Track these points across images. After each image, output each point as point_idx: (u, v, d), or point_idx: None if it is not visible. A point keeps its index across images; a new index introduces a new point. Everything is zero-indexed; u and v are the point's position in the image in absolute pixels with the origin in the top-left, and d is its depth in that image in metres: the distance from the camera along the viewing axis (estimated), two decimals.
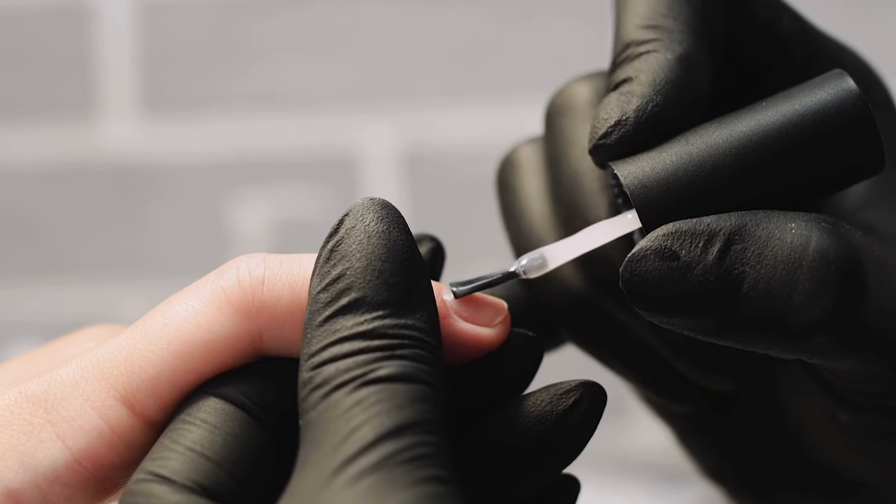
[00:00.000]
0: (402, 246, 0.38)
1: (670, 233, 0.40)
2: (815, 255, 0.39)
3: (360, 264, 0.37)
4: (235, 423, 0.38)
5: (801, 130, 0.40)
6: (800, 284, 0.39)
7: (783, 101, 0.41)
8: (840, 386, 0.44)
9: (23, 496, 0.38)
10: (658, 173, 0.41)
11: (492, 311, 0.41)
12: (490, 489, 0.41)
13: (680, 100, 0.42)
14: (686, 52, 0.43)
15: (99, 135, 1.15)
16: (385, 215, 0.38)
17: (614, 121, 0.42)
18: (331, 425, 0.35)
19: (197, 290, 0.40)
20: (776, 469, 0.51)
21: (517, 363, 0.41)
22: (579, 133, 0.47)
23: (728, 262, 0.39)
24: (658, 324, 0.40)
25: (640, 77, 0.42)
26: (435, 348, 0.37)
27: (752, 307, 0.39)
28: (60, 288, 1.17)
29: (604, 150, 0.42)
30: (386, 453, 0.34)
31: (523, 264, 0.43)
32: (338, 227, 0.38)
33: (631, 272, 0.40)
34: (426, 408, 0.35)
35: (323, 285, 0.37)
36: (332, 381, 0.36)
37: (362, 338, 0.36)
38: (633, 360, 0.48)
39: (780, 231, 0.39)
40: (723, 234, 0.39)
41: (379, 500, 0.33)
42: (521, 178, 0.50)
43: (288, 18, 1.12)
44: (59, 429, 0.39)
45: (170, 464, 0.37)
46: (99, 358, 0.39)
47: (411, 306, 0.37)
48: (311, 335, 0.37)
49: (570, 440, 0.40)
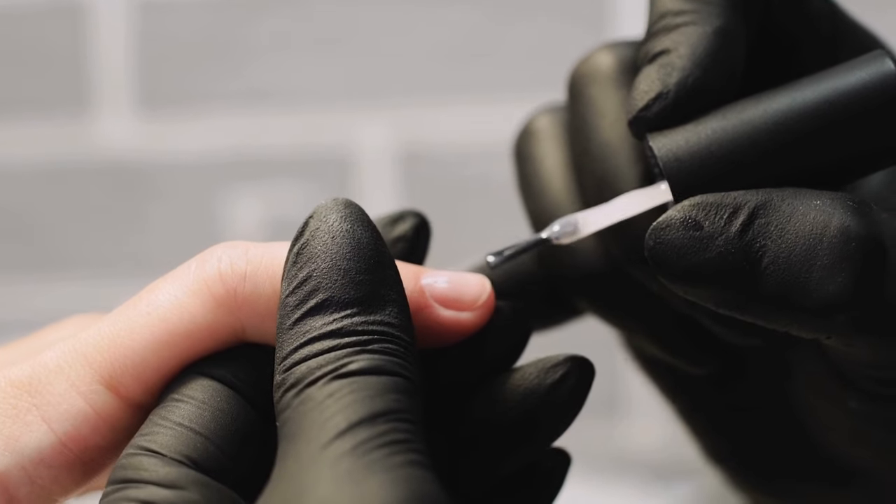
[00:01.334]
0: (367, 244, 0.38)
1: (696, 204, 0.40)
2: (836, 232, 0.39)
3: (326, 265, 0.37)
4: (223, 400, 0.38)
5: (838, 109, 0.40)
6: (819, 260, 0.39)
7: (822, 80, 0.41)
8: (853, 371, 0.44)
9: (9, 478, 0.39)
10: (692, 147, 0.41)
11: (474, 292, 0.41)
12: (479, 463, 0.41)
13: (718, 73, 0.42)
14: (724, 25, 0.42)
15: (95, 132, 1.15)
16: (348, 214, 0.38)
17: (655, 93, 0.42)
18: (305, 418, 0.35)
19: (179, 278, 0.40)
20: (776, 452, 0.51)
21: (505, 337, 0.42)
22: (608, 102, 0.46)
23: (750, 235, 0.39)
24: (682, 295, 0.41)
25: (678, 49, 0.42)
26: (406, 342, 0.37)
27: (771, 281, 0.39)
28: (57, 285, 1.17)
29: (644, 122, 0.42)
30: (361, 439, 0.34)
31: (556, 230, 0.43)
32: (303, 229, 0.38)
33: (655, 240, 0.40)
34: (399, 398, 0.35)
35: (291, 289, 0.38)
36: (305, 380, 0.36)
37: (332, 336, 0.36)
38: (654, 323, 0.48)
39: (805, 207, 0.39)
40: (748, 207, 0.40)
41: (358, 482, 0.33)
42: (541, 149, 0.49)
43: (284, 16, 1.13)
44: (44, 412, 0.39)
45: (159, 438, 0.37)
46: (82, 343, 0.40)
47: (380, 303, 0.37)
48: (283, 338, 0.37)
49: (558, 414, 0.41)
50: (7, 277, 1.18)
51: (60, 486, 0.39)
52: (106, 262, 1.17)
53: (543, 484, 0.42)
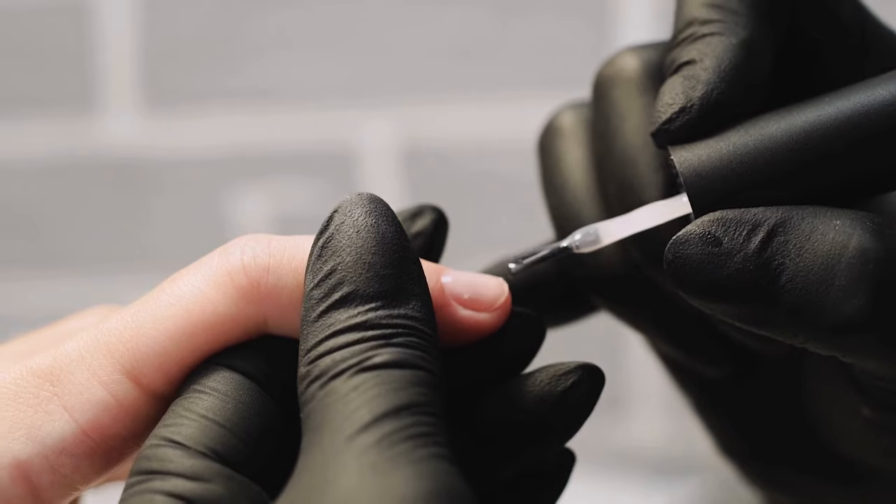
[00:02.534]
0: (392, 238, 0.38)
1: (716, 219, 0.40)
2: (855, 253, 0.39)
3: (351, 259, 0.38)
4: (245, 392, 0.38)
5: (862, 128, 0.40)
6: (836, 281, 0.39)
7: (846, 96, 0.41)
8: (868, 383, 0.44)
9: (31, 467, 0.39)
10: (713, 162, 0.41)
11: (491, 294, 0.41)
12: (487, 463, 0.41)
13: (743, 86, 0.42)
14: (750, 36, 0.42)
15: (99, 129, 1.16)
16: (373, 209, 0.39)
17: (679, 107, 0.42)
18: (330, 410, 0.35)
19: (202, 270, 0.40)
20: (789, 449, 0.51)
21: (519, 341, 0.42)
22: (633, 107, 0.46)
23: (769, 253, 0.39)
24: (700, 308, 0.41)
25: (704, 62, 0.42)
26: (430, 336, 0.37)
27: (788, 299, 0.39)
28: (61, 281, 1.17)
29: (667, 134, 0.42)
30: (386, 431, 0.34)
31: (577, 239, 0.43)
32: (327, 223, 0.39)
33: (674, 254, 0.40)
34: (423, 391, 0.36)
35: (315, 282, 0.38)
36: (330, 372, 0.36)
37: (357, 329, 0.37)
38: (669, 325, 0.49)
39: (824, 226, 0.39)
40: (767, 224, 0.40)
41: (383, 475, 0.33)
42: (564, 146, 0.50)
43: (287, 14, 1.13)
44: (65, 401, 0.39)
45: (183, 430, 0.37)
46: (104, 333, 0.40)
47: (404, 297, 0.38)
48: (307, 331, 0.37)
49: (568, 420, 0.41)
50: (12, 273, 1.18)
51: (81, 474, 0.40)
52: (110, 259, 1.17)
53: (548, 482, 0.43)
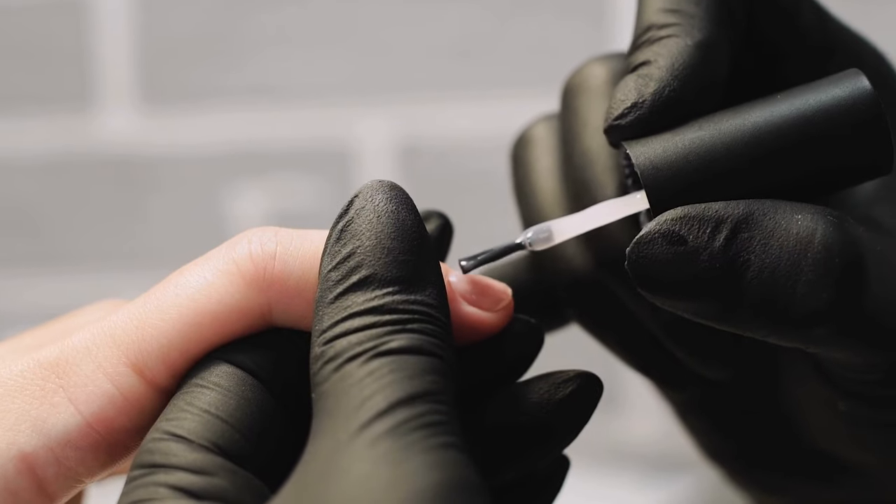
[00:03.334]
0: (411, 225, 0.38)
1: (679, 217, 0.40)
2: (820, 248, 0.39)
3: (370, 243, 0.38)
4: (247, 388, 0.38)
5: (813, 125, 0.41)
6: (804, 275, 0.39)
7: (798, 95, 0.41)
8: (838, 375, 0.44)
9: (36, 459, 0.39)
10: (669, 156, 0.41)
11: (496, 296, 0.41)
12: (484, 467, 0.41)
13: (697, 85, 0.42)
14: (706, 38, 0.43)
15: (97, 127, 1.16)
16: (394, 196, 0.39)
17: (631, 102, 0.42)
18: (344, 395, 0.35)
19: (209, 261, 0.40)
20: (773, 450, 0.51)
21: (518, 347, 0.42)
22: (593, 113, 0.47)
23: (734, 250, 0.40)
24: (662, 306, 0.41)
25: (658, 61, 0.43)
26: (444, 323, 0.37)
27: (755, 294, 0.39)
28: (59, 279, 1.18)
29: (618, 130, 0.42)
30: (400, 420, 0.34)
31: (529, 236, 0.43)
32: (347, 207, 0.39)
33: (637, 254, 0.40)
34: (437, 379, 0.36)
35: (333, 264, 0.38)
36: (345, 354, 0.36)
37: (373, 313, 0.37)
38: (633, 343, 0.49)
39: (787, 222, 0.40)
40: (730, 221, 0.40)
41: (396, 464, 0.33)
42: (534, 155, 0.50)
43: (285, 12, 1.13)
44: (71, 394, 0.39)
45: (185, 424, 0.37)
46: (110, 325, 0.40)
47: (421, 283, 0.38)
48: (323, 312, 0.37)
49: (565, 428, 0.41)
50: (10, 270, 1.19)
51: (86, 467, 0.40)
52: (108, 256, 1.17)
53: (542, 487, 0.43)
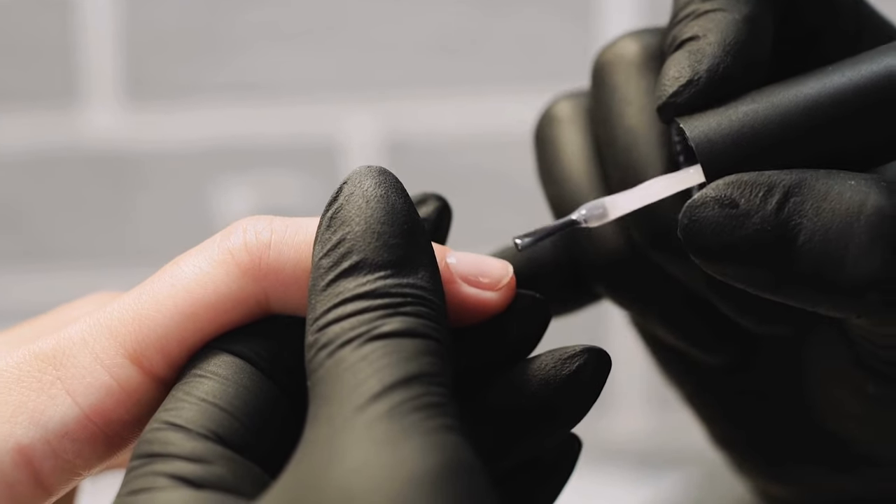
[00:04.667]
0: (401, 209, 0.38)
1: (731, 182, 0.40)
2: (873, 211, 0.39)
3: (360, 228, 0.38)
4: (246, 376, 0.38)
5: (868, 94, 0.41)
6: (856, 238, 0.39)
7: (851, 66, 0.41)
8: (874, 354, 0.44)
9: (33, 451, 0.39)
10: (723, 129, 0.41)
11: (497, 274, 0.41)
12: (491, 449, 0.41)
13: (747, 61, 0.42)
14: (752, 12, 0.43)
15: (83, 123, 1.15)
16: (382, 181, 0.39)
17: (686, 80, 0.42)
18: (338, 380, 0.35)
19: (204, 251, 0.40)
20: (784, 437, 0.51)
21: (523, 325, 0.42)
22: (634, 89, 0.47)
23: (786, 213, 0.40)
24: (713, 274, 0.41)
25: (708, 36, 0.42)
26: (438, 306, 0.37)
27: (807, 259, 0.39)
28: (45, 275, 1.17)
29: (674, 108, 0.42)
30: (396, 402, 0.34)
31: (583, 213, 0.43)
32: (337, 194, 0.39)
33: (689, 218, 0.40)
34: (432, 360, 0.35)
35: (325, 251, 0.38)
36: (338, 340, 0.36)
37: (365, 297, 0.37)
38: (670, 309, 0.49)
39: (840, 187, 0.40)
40: (783, 186, 0.40)
41: (395, 446, 0.33)
42: (564, 135, 0.49)
43: (272, 7, 1.13)
44: (68, 385, 0.39)
45: (184, 413, 0.37)
46: (107, 316, 0.40)
47: (412, 266, 0.37)
48: (315, 299, 0.37)
49: (573, 404, 0.41)
50: None
51: (84, 459, 0.39)
52: (94, 252, 1.17)
53: (554, 468, 0.43)
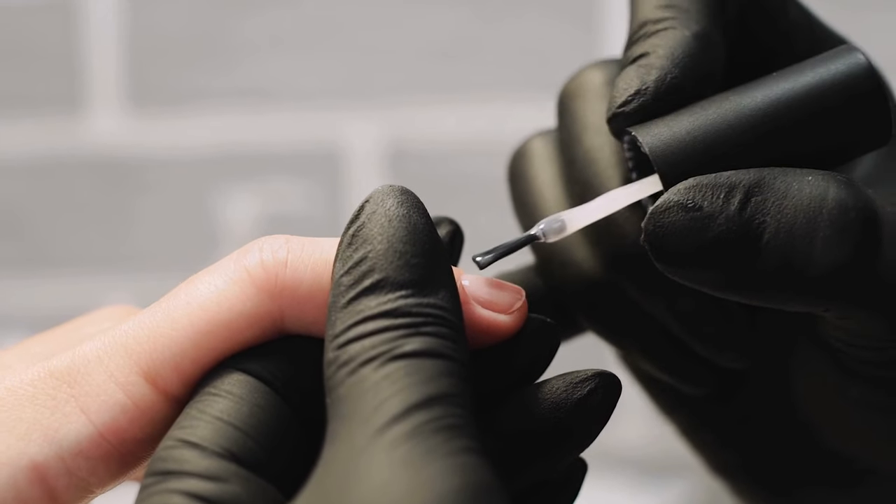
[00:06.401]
0: (423, 229, 0.38)
1: (692, 185, 0.40)
2: (834, 204, 0.40)
3: (382, 247, 0.38)
4: (260, 396, 0.38)
5: (813, 99, 0.41)
6: (821, 231, 0.40)
7: (796, 72, 0.42)
8: (851, 356, 0.45)
9: (47, 469, 0.39)
10: (676, 135, 0.42)
11: (510, 298, 0.41)
12: (502, 472, 0.41)
13: (696, 74, 0.43)
14: (702, 30, 0.44)
15: (85, 129, 1.16)
16: (404, 200, 0.39)
17: (634, 90, 0.43)
18: (359, 399, 0.35)
19: (220, 269, 0.40)
20: (783, 459, 0.51)
21: (533, 349, 0.42)
22: (593, 114, 0.47)
23: (749, 213, 0.40)
24: (681, 281, 0.41)
25: (657, 51, 0.43)
26: (458, 326, 0.37)
27: (773, 256, 0.40)
28: (47, 281, 1.17)
29: (623, 118, 0.43)
30: (418, 423, 0.34)
31: (542, 227, 0.43)
32: (359, 212, 0.39)
33: (654, 224, 0.40)
34: (453, 381, 0.35)
35: (346, 269, 0.38)
36: (359, 358, 0.36)
37: (386, 316, 0.37)
38: (647, 341, 0.49)
39: (799, 183, 0.40)
40: (743, 186, 0.40)
41: (417, 469, 0.33)
42: (534, 167, 0.50)
43: (274, 14, 1.13)
44: (82, 403, 0.39)
45: (198, 431, 0.37)
46: (122, 334, 0.40)
47: (433, 286, 0.37)
48: (336, 316, 0.37)
49: (583, 428, 0.41)
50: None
51: (98, 477, 0.39)
52: (97, 259, 1.17)
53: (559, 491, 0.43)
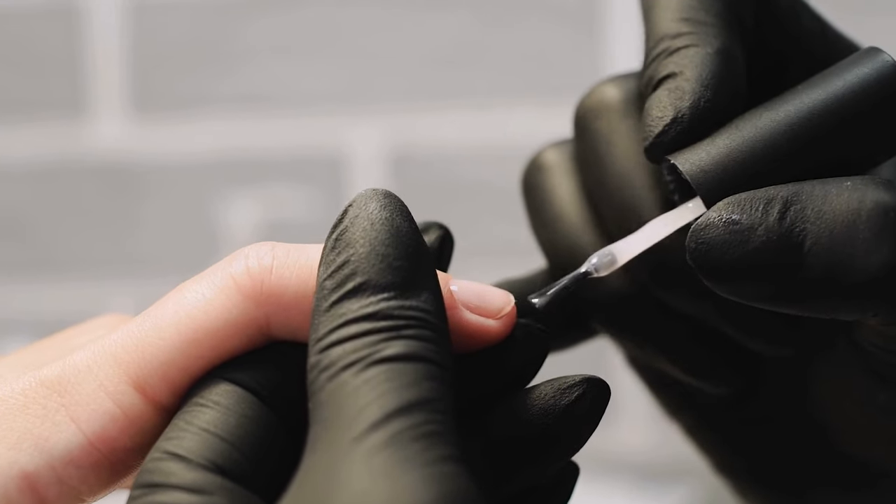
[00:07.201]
0: (406, 232, 0.38)
1: (730, 202, 0.41)
2: (873, 206, 0.40)
3: (364, 250, 0.38)
4: (247, 406, 0.38)
5: (846, 106, 0.42)
6: (861, 234, 0.40)
7: (824, 81, 0.43)
8: (885, 362, 0.45)
9: (38, 478, 0.39)
10: (714, 158, 0.42)
11: (498, 303, 0.41)
12: (491, 478, 0.41)
13: (726, 94, 0.43)
14: (723, 45, 0.44)
15: (89, 134, 1.16)
16: (387, 203, 0.39)
17: (670, 118, 0.43)
18: (340, 404, 0.35)
19: (207, 277, 0.40)
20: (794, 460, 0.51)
21: (523, 355, 0.42)
22: (618, 133, 0.47)
23: (789, 221, 0.40)
24: (726, 295, 0.41)
25: (685, 73, 0.43)
26: (441, 329, 0.37)
27: (816, 263, 0.40)
28: (50, 286, 1.17)
29: (661, 147, 0.43)
30: (396, 430, 0.34)
31: (594, 263, 0.44)
32: (342, 216, 0.39)
33: (696, 241, 0.41)
34: (434, 386, 0.36)
35: (329, 272, 0.38)
36: (340, 363, 0.36)
37: (368, 319, 0.37)
38: (676, 346, 0.49)
39: (836, 189, 0.41)
40: (781, 197, 0.41)
41: (395, 478, 0.33)
42: (553, 181, 0.50)
43: (277, 20, 1.13)
44: (72, 412, 0.39)
45: (185, 443, 0.37)
46: (111, 344, 0.40)
47: (416, 289, 0.38)
48: (318, 320, 0.37)
49: (572, 434, 0.41)
50: (1, 277, 1.19)
51: (88, 486, 0.40)
52: (99, 264, 1.17)
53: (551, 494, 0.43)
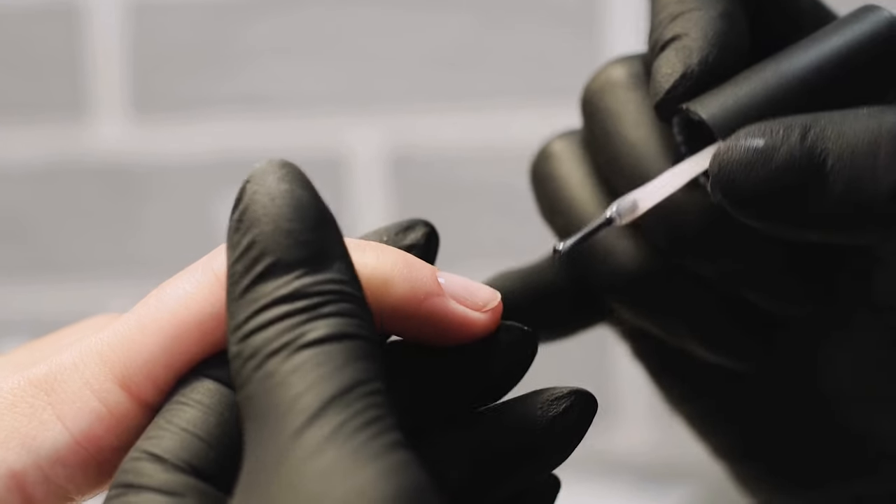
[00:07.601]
0: (308, 203, 0.37)
1: (750, 129, 0.42)
2: (892, 126, 0.41)
3: (269, 228, 0.36)
4: (227, 405, 0.38)
5: (858, 52, 0.43)
6: (882, 149, 0.41)
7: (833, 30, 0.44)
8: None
9: (25, 477, 0.39)
10: (725, 104, 0.43)
11: (484, 296, 0.41)
12: (472, 488, 0.41)
13: (732, 50, 0.44)
14: (726, 9, 0.45)
15: (89, 135, 1.16)
16: (285, 174, 0.37)
17: (680, 73, 0.44)
18: (271, 397, 0.34)
19: (189, 273, 0.40)
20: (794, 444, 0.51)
21: (509, 355, 0.41)
22: (627, 106, 0.48)
23: (810, 141, 0.41)
24: (753, 223, 0.42)
25: (690, 34, 0.44)
26: (358, 298, 0.36)
27: (839, 179, 0.41)
28: (50, 287, 1.17)
29: (673, 102, 0.44)
30: (338, 421, 0.33)
31: (615, 209, 0.44)
32: (241, 195, 0.37)
33: (719, 164, 0.42)
34: (366, 366, 0.35)
35: (236, 256, 0.36)
36: (263, 350, 0.35)
37: (285, 301, 0.35)
38: (701, 320, 0.49)
39: (854, 114, 0.42)
40: (800, 123, 0.42)
41: (347, 476, 0.32)
42: (563, 168, 0.50)
43: (277, 21, 1.13)
44: (59, 411, 0.39)
45: (163, 443, 0.37)
46: (97, 342, 0.40)
47: (327, 261, 0.36)
48: (234, 308, 0.36)
49: (557, 446, 0.41)
50: (1, 278, 1.19)
51: (75, 485, 0.40)
52: (100, 265, 1.17)
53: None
